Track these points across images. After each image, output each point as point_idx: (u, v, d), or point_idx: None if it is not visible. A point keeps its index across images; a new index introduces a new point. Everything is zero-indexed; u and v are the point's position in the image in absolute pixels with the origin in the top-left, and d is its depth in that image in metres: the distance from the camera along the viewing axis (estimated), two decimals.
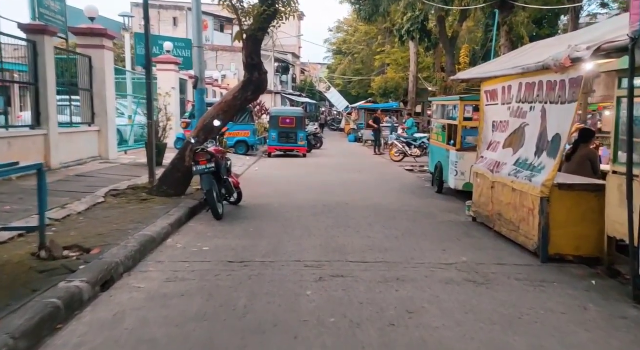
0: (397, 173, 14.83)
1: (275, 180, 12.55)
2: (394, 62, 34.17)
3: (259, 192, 10.49)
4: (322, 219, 7.81)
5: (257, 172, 14.41)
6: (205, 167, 7.44)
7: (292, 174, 13.99)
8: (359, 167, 16.22)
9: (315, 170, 14.86)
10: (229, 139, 18.50)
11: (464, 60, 27.53)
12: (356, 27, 42.32)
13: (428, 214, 8.32)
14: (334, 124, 48.46)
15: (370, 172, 14.84)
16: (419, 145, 17.75)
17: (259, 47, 9.14)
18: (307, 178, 12.97)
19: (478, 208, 7.28)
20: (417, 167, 15.97)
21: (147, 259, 5.40)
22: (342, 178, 13.08)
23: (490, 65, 8.17)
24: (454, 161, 9.44)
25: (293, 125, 19.26)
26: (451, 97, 10.14)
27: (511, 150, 6.50)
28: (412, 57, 31.73)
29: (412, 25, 25.18)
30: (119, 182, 9.54)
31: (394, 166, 16.78)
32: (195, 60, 12.01)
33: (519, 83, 6.57)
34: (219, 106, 9.11)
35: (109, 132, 12.91)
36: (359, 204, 9.20)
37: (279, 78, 45.23)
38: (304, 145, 19.51)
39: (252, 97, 9.17)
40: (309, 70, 58.79)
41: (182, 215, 7.34)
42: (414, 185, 12.04)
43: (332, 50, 51.83)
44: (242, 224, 7.39)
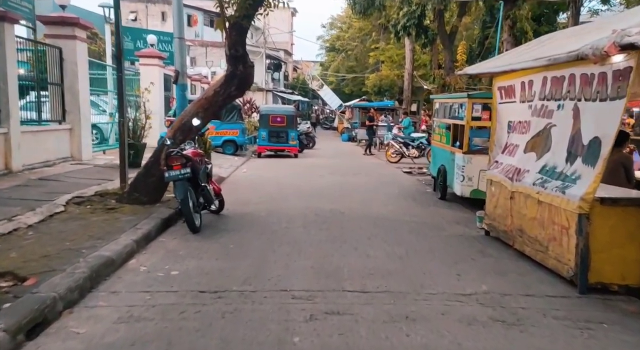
0: (395, 175, 13.90)
1: (264, 183, 11.57)
2: (388, 59, 33.24)
3: (245, 197, 9.51)
4: (315, 232, 6.86)
5: (245, 174, 13.42)
6: (179, 172, 6.45)
7: (282, 176, 13.02)
8: (354, 168, 15.27)
9: (307, 172, 13.90)
10: (216, 138, 17.50)
11: (461, 58, 26.64)
12: (350, 23, 41.32)
13: (433, 226, 7.39)
14: (326, 122, 47.51)
15: (366, 174, 13.90)
16: (417, 145, 16.84)
17: (244, 37, 8.15)
18: (299, 181, 12.01)
19: (493, 221, 6.36)
20: (416, 169, 15.06)
21: (100, 288, 4.42)
22: (336, 181, 12.12)
23: (503, 58, 7.26)
24: (460, 165, 8.52)
25: (284, 124, 18.28)
26: (457, 95, 9.24)
27: (534, 155, 5.57)
28: (407, 54, 30.80)
29: (409, 20, 24.21)
30: (87, 187, 8.52)
31: (390, 168, 15.85)
32: (177, 52, 10.97)
33: (543, 77, 5.65)
34: (198, 103, 8.11)
35: (82, 130, 11.85)
36: (356, 213, 8.25)
37: (271, 75, 44.18)
38: (295, 145, 18.54)
39: (236, 92, 8.18)
40: (301, 67, 57.76)
41: (153, 228, 6.35)
42: (414, 190, 11.11)
43: (325, 47, 50.83)
44: (221, 238, 6.41)
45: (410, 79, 30.70)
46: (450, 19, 25.27)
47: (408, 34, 25.67)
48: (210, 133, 17.44)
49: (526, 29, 16.11)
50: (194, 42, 39.89)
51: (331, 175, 13.45)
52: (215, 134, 17.46)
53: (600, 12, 24.33)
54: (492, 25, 26.04)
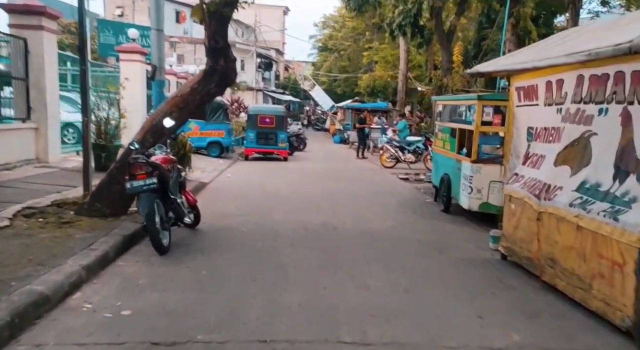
0: (391, 182, 12.96)
1: (249, 190, 10.57)
2: (382, 59, 32.34)
3: (226, 208, 8.51)
4: (304, 253, 5.88)
5: (229, 179, 12.41)
6: (143, 182, 5.44)
7: (269, 182, 12.03)
8: (347, 174, 14.32)
9: (297, 178, 12.91)
10: (200, 140, 16.48)
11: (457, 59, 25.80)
12: (343, 22, 40.39)
13: (440, 245, 6.45)
14: (318, 123, 46.51)
15: (360, 180, 12.95)
16: (413, 150, 15.93)
17: (226, 27, 7.17)
18: (287, 188, 11.02)
19: (512, 244, 5.43)
20: (412, 175, 14.13)
21: (23, 338, 3.41)
22: (328, 189, 11.16)
23: (522, 55, 6.34)
24: (467, 175, 7.60)
25: (273, 125, 17.28)
26: (464, 96, 8.32)
27: (568, 169, 4.65)
28: (402, 55, 29.93)
29: (404, 19, 23.32)
30: (45, 196, 7.47)
31: (385, 173, 14.92)
32: (154, 46, 9.97)
33: (578, 75, 4.73)
34: (172, 101, 7.11)
35: (50, 129, 10.77)
36: (351, 228, 7.29)
37: (261, 74, 43.13)
38: (285, 148, 17.54)
39: (216, 90, 7.18)
40: (293, 67, 56.75)
41: (111, 249, 5.34)
42: (413, 200, 10.17)
43: (318, 46, 49.85)
44: (194, 260, 5.42)
45: (404, 80, 29.85)
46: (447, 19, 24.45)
47: (403, 34, 24.80)
48: (194, 134, 16.43)
49: (530, 29, 15.28)
50: (183, 39, 38.75)
51: (323, 181, 12.49)
52: (199, 135, 16.45)
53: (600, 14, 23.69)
54: (489, 26, 25.32)
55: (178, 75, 25.98)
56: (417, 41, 24.69)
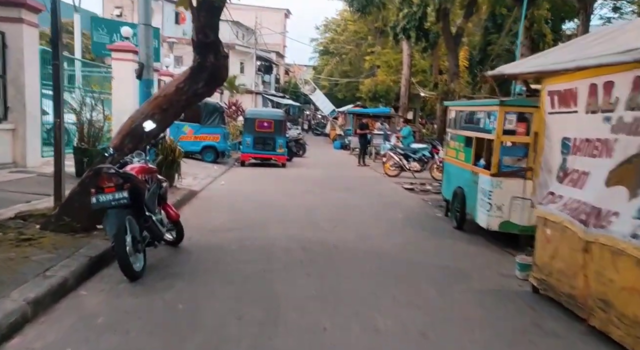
0: (396, 193, 12.12)
1: (243, 200, 9.73)
2: (384, 63, 31.59)
3: (216, 220, 7.67)
4: (300, 281, 5.04)
5: (223, 187, 11.56)
6: (112, 197, 4.60)
7: (265, 190, 11.20)
8: (348, 182, 13.48)
9: (295, 187, 12.07)
10: (194, 144, 15.67)
11: (462, 64, 25.03)
12: (345, 26, 39.66)
13: (458, 272, 5.61)
14: (318, 128, 45.71)
15: (363, 190, 12.11)
16: (419, 158, 15.09)
17: (217, 20, 6.39)
18: (284, 198, 10.19)
19: (548, 276, 4.60)
20: (418, 185, 13.30)
21: None
22: (328, 200, 10.32)
23: (554, 54, 5.54)
24: (486, 190, 6.76)
25: (271, 130, 16.46)
26: (483, 101, 7.47)
27: (625, 191, 3.82)
28: (405, 59, 29.18)
29: (409, 22, 22.58)
30: (10, 206, 6.65)
31: (389, 183, 14.08)
32: (142, 42, 9.18)
33: (636, 77, 3.91)
34: (154, 102, 6.30)
35: (29, 131, 9.95)
36: (353, 248, 6.45)
37: (261, 78, 42.38)
38: (283, 153, 16.72)
39: (205, 90, 6.36)
40: (293, 71, 56.04)
41: (72, 275, 4.50)
42: (421, 215, 9.33)
43: (319, 50, 49.08)
44: (170, 289, 4.58)
45: (407, 85, 29.09)
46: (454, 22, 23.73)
47: (408, 37, 24.07)
48: (188, 138, 15.62)
49: (544, 32, 14.52)
50: (181, 40, 38.01)
51: (323, 190, 11.65)
52: (193, 139, 15.64)
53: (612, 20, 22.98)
54: (495, 31, 24.62)
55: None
56: (422, 45, 23.95)
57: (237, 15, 42.43)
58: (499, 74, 6.16)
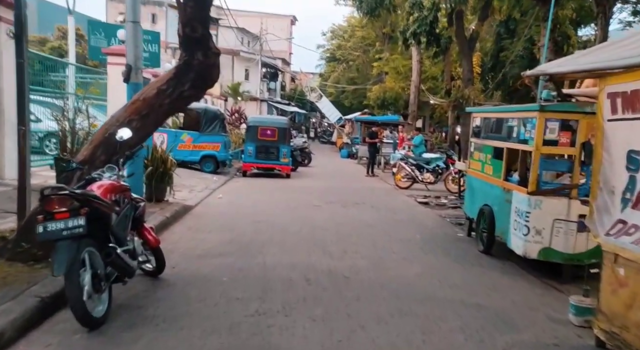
0: (409, 208, 11.10)
1: (241, 217, 8.76)
2: (393, 70, 30.65)
3: (208, 243, 6.70)
4: (303, 329, 4.05)
5: (220, 201, 10.59)
6: (64, 225, 3.62)
7: (266, 205, 10.22)
8: (357, 195, 12.48)
9: (300, 200, 11.09)
10: (193, 153, 14.75)
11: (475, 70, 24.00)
12: (352, 32, 38.82)
13: (498, 316, 4.57)
14: (324, 136, 44.82)
15: (373, 204, 11.10)
16: (432, 169, 14.07)
17: (206, 12, 5.48)
18: (287, 215, 9.21)
19: (623, 330, 3.57)
20: (432, 199, 12.29)
21: None
22: (335, 216, 9.33)
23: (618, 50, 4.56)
24: (522, 210, 5.75)
25: (275, 138, 15.52)
26: (518, 106, 6.42)
27: None
28: (414, 65, 28.23)
29: (419, 26, 21.65)
30: None
31: (401, 195, 13.07)
32: (129, 41, 8.26)
33: None
34: (132, 107, 5.38)
35: (6, 139, 9.04)
36: (367, 280, 5.45)
37: (266, 85, 41.57)
38: (287, 163, 15.75)
39: (192, 92, 5.43)
40: (299, 78, 55.29)
41: (11, 325, 3.55)
42: (440, 234, 8.30)
43: (326, 57, 48.26)
44: (137, 342, 3.62)
45: (416, 92, 28.11)
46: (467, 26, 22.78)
47: (418, 42, 23.15)
48: (187, 146, 14.72)
49: (569, 33, 13.52)
50: None
51: (329, 205, 10.67)
52: (192, 148, 14.73)
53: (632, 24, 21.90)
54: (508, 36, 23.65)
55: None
56: (433, 51, 23.01)
57: (242, 22, 41.84)
58: (540, 73, 5.18)
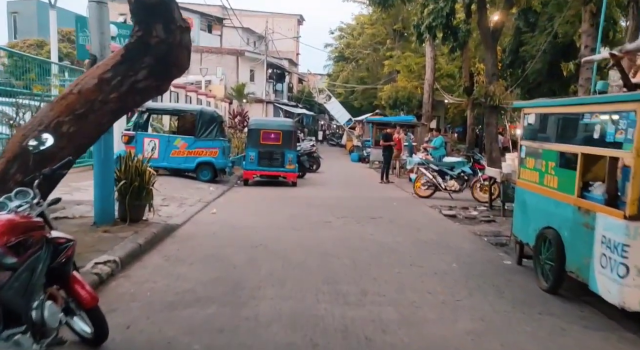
0: (435, 222, 9.45)
1: (233, 240, 7.18)
2: (405, 68, 28.98)
3: (184, 283, 5.11)
4: None
5: (214, 217, 9.01)
6: None
7: (268, 223, 8.63)
8: (372, 207, 10.87)
9: (307, 216, 9.48)
10: (188, 160, 13.21)
11: None
12: (362, 30, 37.18)
13: None
14: (333, 138, 43.22)
15: (393, 218, 9.47)
16: (457, 175, 12.37)
17: None
18: (291, 237, 7.61)
19: None
20: (460, 211, 10.65)
21: None
22: (349, 237, 7.71)
23: None
24: (615, 242, 4.10)
25: (279, 142, 13.95)
26: (600, 97, 4.75)
27: None
28: (428, 63, 26.55)
29: (435, 19, 20.00)
30: None
31: (422, 206, 11.42)
32: (93, 26, 6.69)
33: None
34: (62, 103, 3.83)
35: None
36: (398, 344, 3.84)
37: (272, 86, 40.06)
38: (293, 170, 14.17)
39: (150, 83, 3.88)
40: (307, 79, 53.74)
41: None
42: (482, 261, 6.63)
43: (334, 57, 46.58)
44: None
45: (430, 91, 26.43)
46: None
47: (433, 36, 21.52)
48: (181, 153, 13.19)
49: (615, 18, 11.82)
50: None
51: (341, 221, 9.06)
52: (186, 155, 13.19)
53: None
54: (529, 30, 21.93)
55: (187, 89, 22.93)
56: (450, 45, 21.32)
57: (248, 22, 40.39)
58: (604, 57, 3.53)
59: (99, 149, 6.64)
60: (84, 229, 6.52)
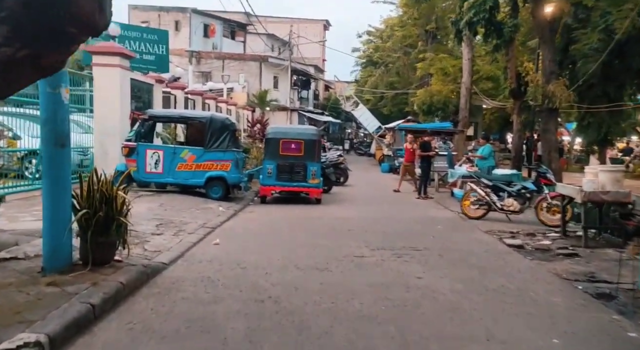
0: (500, 257, 7.30)
1: (235, 290, 5.26)
2: (440, 71, 26.80)
3: None
4: None
5: (215, 251, 7.12)
6: None
7: (282, 260, 6.68)
8: (413, 232, 8.84)
9: (332, 248, 7.50)
10: (197, 174, 11.46)
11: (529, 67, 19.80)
12: (391, 32, 35.15)
13: None
14: (361, 147, 41.16)
15: (443, 252, 7.40)
16: (517, 192, 10.17)
17: None
18: (311, 284, 5.65)
19: None
20: (526, 238, 8.50)
21: None
22: (392, 285, 5.67)
23: None
24: None
25: (301, 153, 12.08)
26: None
27: None
28: (464, 65, 24.31)
29: (476, 14, 17.88)
30: None
31: (476, 231, 9.30)
32: None
33: None
34: None
35: None
36: None
37: (297, 93, 38.37)
38: (317, 185, 12.25)
39: (17, 52, 1.99)
40: (334, 87, 51.97)
41: None
42: (589, 327, 4.49)
43: (361, 62, 44.62)
44: None
45: (467, 95, 24.15)
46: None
47: (474, 34, 19.36)
48: (188, 167, 11.42)
49: None
50: (210, 54, 34.69)
51: (377, 254, 7.06)
52: (195, 168, 11.42)
53: None
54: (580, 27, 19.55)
55: (205, 96, 21.33)
56: (492, 43, 19.09)
57: (272, 28, 38.97)
58: None
59: (48, 165, 4.84)
60: (22, 280, 4.71)
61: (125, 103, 12.57)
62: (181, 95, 17.89)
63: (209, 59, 33.98)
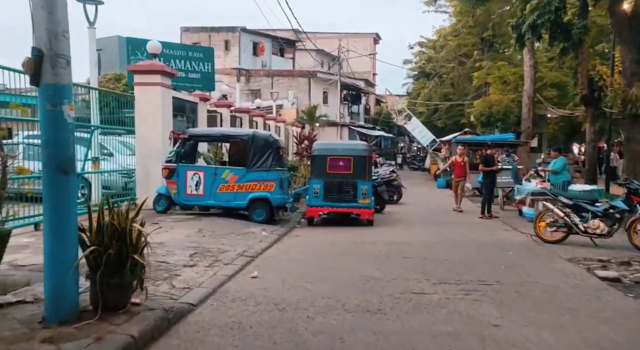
0: (593, 295, 5.97)
1: (269, 340, 4.33)
2: (499, 79, 25.18)
3: None
4: None
5: (252, 286, 6.23)
6: None
7: (328, 298, 5.69)
8: (481, 261, 7.63)
9: (387, 283, 6.44)
10: (239, 196, 10.75)
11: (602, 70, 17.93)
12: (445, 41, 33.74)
13: None
14: (414, 162, 39.66)
15: (520, 287, 6.17)
16: (604, 212, 8.70)
17: None
18: (361, 329, 4.63)
19: None
20: (618, 267, 7.08)
21: None
22: (462, 335, 4.54)
23: None
24: None
25: (350, 171, 11.11)
26: None
27: None
28: (526, 72, 22.66)
29: (540, 16, 16.43)
30: None
31: (556, 259, 7.93)
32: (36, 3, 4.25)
33: None
34: None
35: None
36: None
37: (347, 108, 37.57)
38: (368, 205, 11.21)
39: None
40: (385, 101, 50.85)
41: None
42: None
43: (413, 75, 43.30)
44: None
45: (530, 104, 22.41)
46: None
47: (538, 37, 17.87)
48: (230, 188, 10.72)
49: None
50: (259, 72, 34.64)
51: (440, 290, 5.93)
52: (237, 189, 10.72)
53: None
54: None
55: (252, 113, 20.91)
56: (559, 46, 17.49)
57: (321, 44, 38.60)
58: None
59: (49, 195, 4.14)
60: (17, 334, 3.97)
61: (167, 122, 12.14)
62: (227, 113, 17.47)
63: (258, 77, 33.92)
